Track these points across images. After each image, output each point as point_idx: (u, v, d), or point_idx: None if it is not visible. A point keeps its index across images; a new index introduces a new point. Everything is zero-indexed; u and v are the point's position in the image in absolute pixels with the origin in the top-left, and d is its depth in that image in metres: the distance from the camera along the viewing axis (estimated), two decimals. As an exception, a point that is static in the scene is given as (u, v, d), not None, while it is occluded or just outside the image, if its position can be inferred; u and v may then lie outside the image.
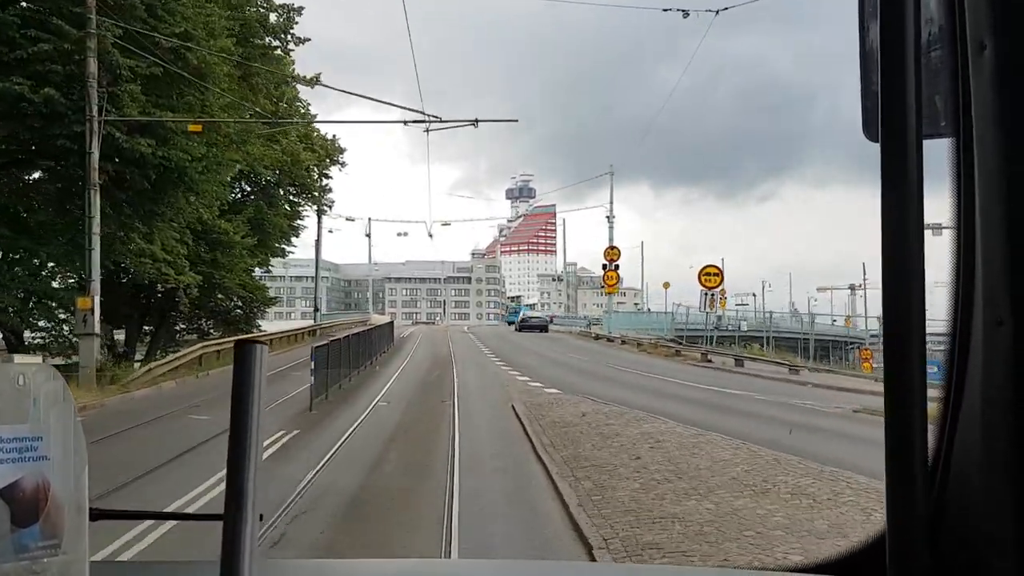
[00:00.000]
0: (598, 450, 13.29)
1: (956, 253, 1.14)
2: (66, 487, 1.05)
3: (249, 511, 0.96)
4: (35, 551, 1.02)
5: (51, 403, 1.05)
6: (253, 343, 0.99)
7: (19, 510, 1.01)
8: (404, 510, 10.04)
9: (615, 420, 16.41)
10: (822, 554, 1.48)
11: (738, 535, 8.25)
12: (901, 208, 1.10)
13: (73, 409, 1.08)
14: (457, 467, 12.35)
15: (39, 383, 1.04)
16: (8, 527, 1.00)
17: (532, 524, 9.54)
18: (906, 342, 1.10)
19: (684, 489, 10.27)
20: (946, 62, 1.14)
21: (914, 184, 1.10)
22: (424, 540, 8.63)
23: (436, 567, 2.18)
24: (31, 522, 1.02)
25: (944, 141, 1.14)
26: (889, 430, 1.11)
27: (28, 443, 1.02)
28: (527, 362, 34.55)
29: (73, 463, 1.07)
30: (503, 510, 10.30)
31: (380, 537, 8.72)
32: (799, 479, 10.77)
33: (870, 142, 1.15)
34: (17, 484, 1.01)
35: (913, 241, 1.10)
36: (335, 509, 10.16)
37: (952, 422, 1.15)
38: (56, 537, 1.04)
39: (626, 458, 12.53)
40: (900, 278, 1.10)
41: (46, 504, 1.03)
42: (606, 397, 21.22)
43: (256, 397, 0.98)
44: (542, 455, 13.03)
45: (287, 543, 8.37)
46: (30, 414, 1.03)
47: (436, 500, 10.25)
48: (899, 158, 1.10)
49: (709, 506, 9.39)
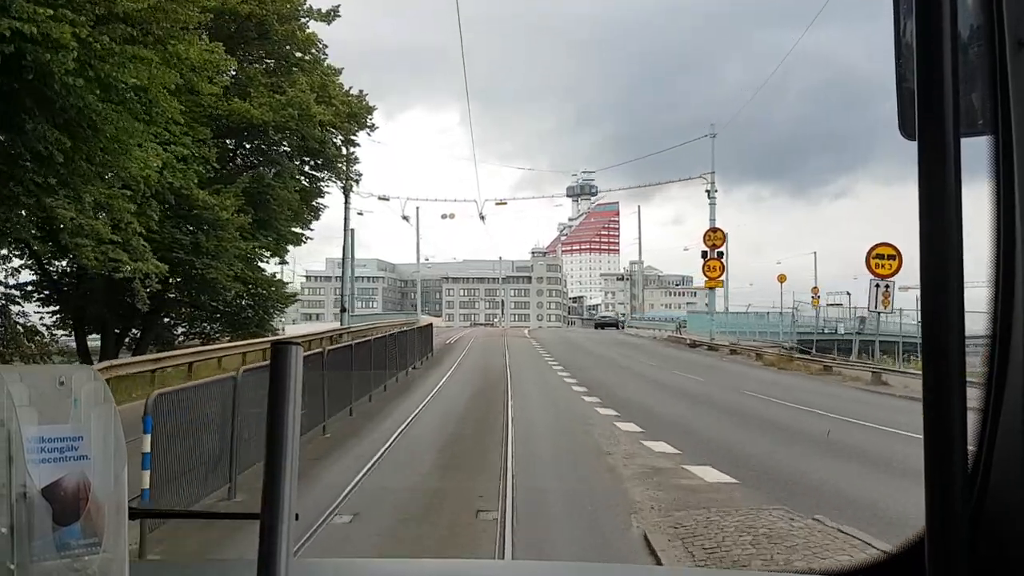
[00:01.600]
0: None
1: (996, 252, 1.12)
2: (106, 486, 1.08)
3: (285, 511, 0.97)
4: (76, 549, 1.05)
5: (91, 404, 1.08)
6: (288, 344, 1.01)
7: (60, 509, 1.04)
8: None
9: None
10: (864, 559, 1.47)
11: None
12: (939, 206, 1.08)
13: (114, 409, 1.11)
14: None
15: (79, 384, 1.07)
16: (50, 525, 1.03)
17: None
18: (945, 342, 1.08)
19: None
20: (984, 59, 1.12)
21: (952, 182, 1.08)
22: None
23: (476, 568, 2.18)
24: (72, 521, 1.05)
25: (982, 139, 1.12)
26: (929, 432, 1.09)
27: (69, 443, 1.05)
28: (620, 385, 24.25)
29: (113, 463, 1.10)
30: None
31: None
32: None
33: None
34: (59, 483, 1.04)
35: (952, 240, 1.08)
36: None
37: (993, 424, 1.13)
38: (96, 535, 1.07)
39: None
40: (939, 278, 1.08)
41: (87, 503, 1.06)
42: (813, 483, 11.30)
43: (292, 398, 0.99)
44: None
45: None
46: (71, 414, 1.06)
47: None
48: (937, 156, 1.08)
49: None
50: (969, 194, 1.09)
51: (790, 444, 14.68)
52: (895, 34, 1.19)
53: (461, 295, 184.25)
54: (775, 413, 18.81)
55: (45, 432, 1.03)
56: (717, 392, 23.32)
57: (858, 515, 8.98)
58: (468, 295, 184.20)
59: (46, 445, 1.03)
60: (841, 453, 13.53)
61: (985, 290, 1.14)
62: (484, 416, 17.31)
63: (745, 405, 20.31)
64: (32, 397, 1.03)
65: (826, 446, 14.11)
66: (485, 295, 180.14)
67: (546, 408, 19.34)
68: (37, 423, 1.03)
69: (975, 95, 1.13)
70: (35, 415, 1.02)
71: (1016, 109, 1.06)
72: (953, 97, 1.08)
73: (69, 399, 1.06)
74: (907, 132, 1.13)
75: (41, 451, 1.03)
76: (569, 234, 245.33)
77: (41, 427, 1.03)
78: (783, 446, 14.44)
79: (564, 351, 40.04)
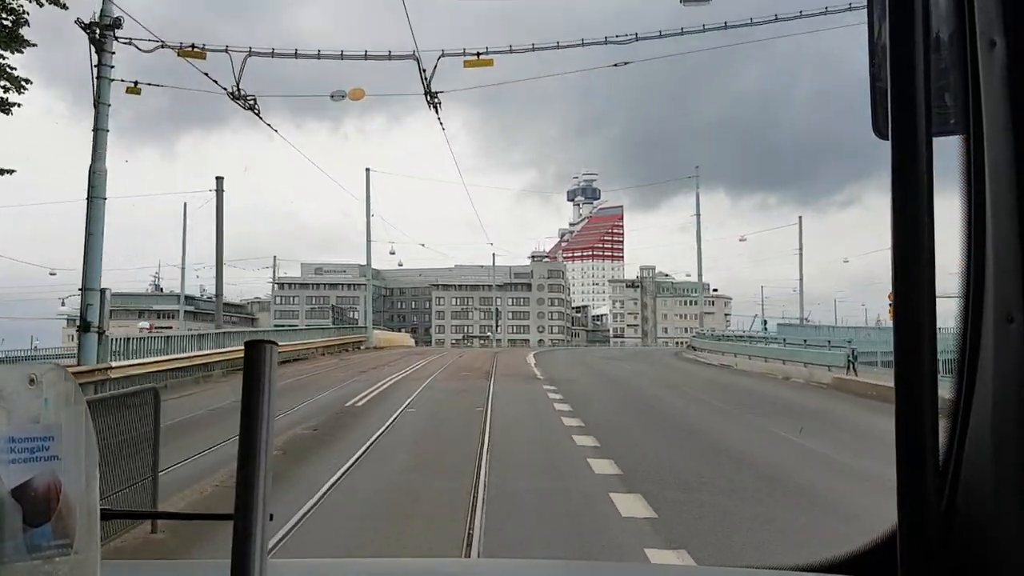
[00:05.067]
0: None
1: (966, 250, 1.13)
2: (77, 487, 1.07)
3: (259, 511, 0.97)
4: (47, 550, 1.04)
5: (62, 404, 1.07)
6: (262, 343, 1.01)
7: (31, 510, 1.03)
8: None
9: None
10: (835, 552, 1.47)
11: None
12: (911, 205, 1.09)
13: (85, 410, 1.10)
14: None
15: (50, 384, 1.06)
16: (20, 526, 1.02)
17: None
18: (916, 340, 1.09)
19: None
20: (956, 59, 1.13)
21: (923, 181, 1.08)
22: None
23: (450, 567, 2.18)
24: (43, 522, 1.04)
25: (954, 138, 1.13)
26: (900, 428, 1.10)
27: (40, 443, 1.04)
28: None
29: (84, 463, 1.09)
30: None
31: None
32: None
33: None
34: (29, 484, 1.03)
35: (923, 238, 1.08)
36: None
37: (963, 420, 1.15)
38: (68, 536, 1.06)
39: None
40: (910, 276, 1.09)
41: (58, 504, 1.05)
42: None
43: (266, 397, 0.99)
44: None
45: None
46: (42, 414, 1.05)
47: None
48: (909, 155, 1.09)
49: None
50: (941, 192, 1.10)
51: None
52: (868, 34, 1.20)
53: (453, 304, 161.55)
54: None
55: (15, 432, 1.02)
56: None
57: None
58: (461, 304, 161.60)
59: (16, 445, 1.02)
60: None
61: (957, 286, 1.15)
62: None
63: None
64: (2, 396, 1.02)
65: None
66: (480, 304, 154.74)
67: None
68: (7, 423, 1.02)
69: (947, 95, 1.14)
70: (4, 415, 1.02)
71: (988, 108, 1.07)
72: (925, 97, 1.09)
73: (40, 399, 1.05)
74: (880, 131, 1.14)
75: (11, 451, 1.02)
76: (570, 240, 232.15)
77: (11, 427, 1.02)
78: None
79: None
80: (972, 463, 1.14)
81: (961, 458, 1.16)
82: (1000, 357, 1.08)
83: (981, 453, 1.12)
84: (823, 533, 8.52)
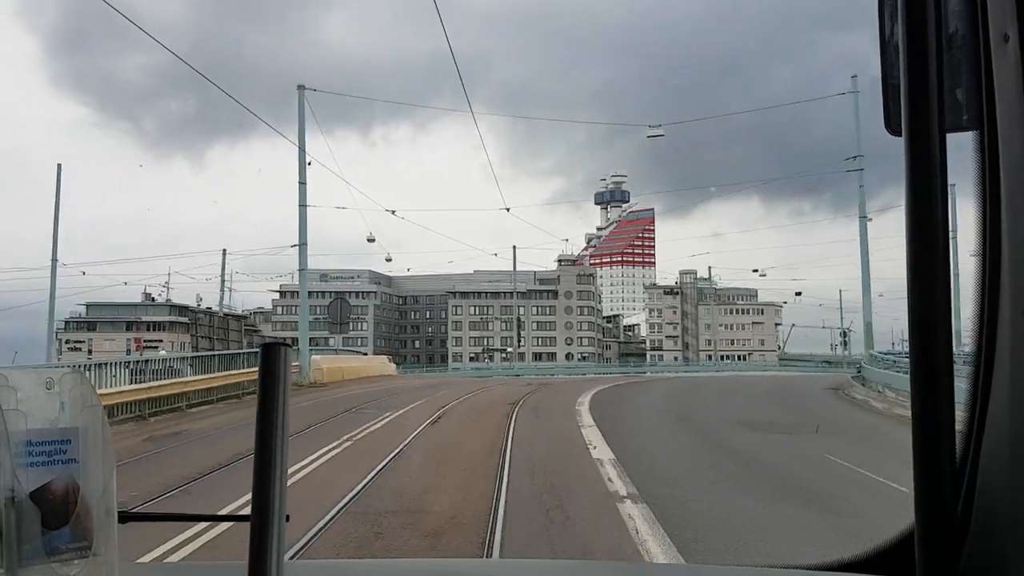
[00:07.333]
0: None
1: (982, 247, 1.12)
2: (95, 489, 1.08)
3: (276, 512, 0.97)
4: (65, 553, 1.05)
5: (80, 407, 1.08)
6: (277, 345, 1.02)
7: (49, 512, 1.04)
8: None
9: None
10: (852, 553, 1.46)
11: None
12: (925, 202, 1.08)
13: (102, 413, 1.11)
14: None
15: (67, 387, 1.07)
16: (39, 529, 1.03)
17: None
18: (933, 338, 1.08)
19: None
20: (969, 54, 1.12)
21: (938, 178, 1.08)
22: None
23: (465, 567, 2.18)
24: (61, 524, 1.04)
25: (968, 134, 1.12)
26: (917, 428, 1.09)
27: (57, 446, 1.05)
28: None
29: (102, 466, 1.10)
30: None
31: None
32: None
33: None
34: (47, 487, 1.04)
35: (938, 235, 1.08)
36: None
37: (980, 419, 1.13)
38: (86, 539, 1.07)
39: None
40: (926, 274, 1.08)
41: (75, 506, 1.06)
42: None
43: (282, 399, 1.00)
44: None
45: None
46: (59, 418, 1.06)
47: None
48: (923, 152, 1.08)
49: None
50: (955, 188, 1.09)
51: None
52: (880, 31, 1.19)
53: (471, 314, 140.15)
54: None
55: (33, 435, 1.03)
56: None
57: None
58: (480, 313, 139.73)
59: (34, 449, 1.03)
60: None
61: (972, 285, 1.14)
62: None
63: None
64: (20, 400, 1.03)
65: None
66: (501, 313, 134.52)
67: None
68: (25, 427, 1.03)
69: (960, 91, 1.13)
70: (23, 418, 1.03)
71: (1001, 104, 1.06)
72: (938, 93, 1.08)
73: (57, 402, 1.06)
74: (893, 128, 1.13)
75: (29, 455, 1.03)
76: (598, 244, 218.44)
77: (29, 430, 1.03)
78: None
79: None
80: (989, 465, 1.13)
81: (978, 460, 1.15)
82: (1017, 354, 1.06)
83: (998, 454, 1.10)
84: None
